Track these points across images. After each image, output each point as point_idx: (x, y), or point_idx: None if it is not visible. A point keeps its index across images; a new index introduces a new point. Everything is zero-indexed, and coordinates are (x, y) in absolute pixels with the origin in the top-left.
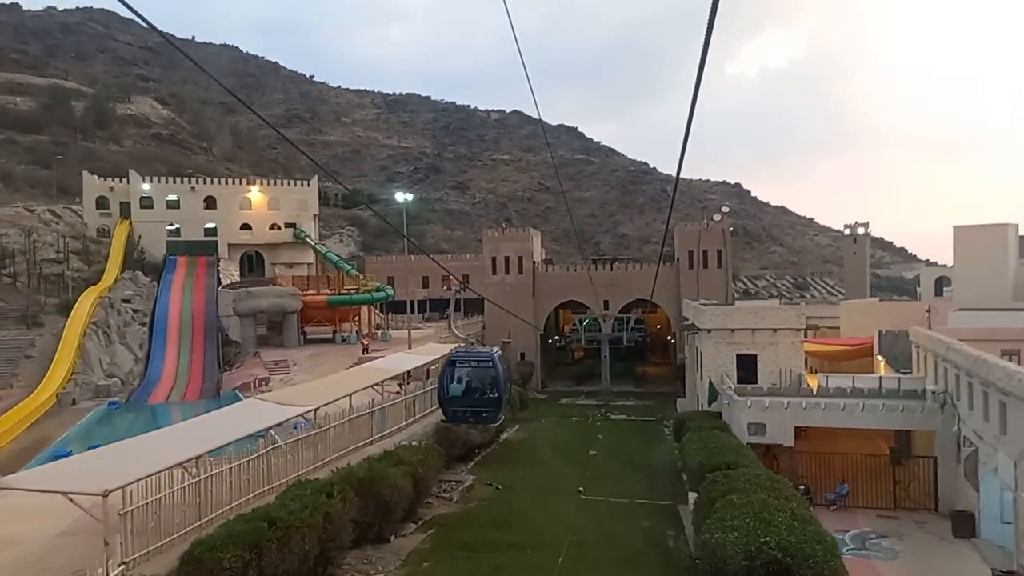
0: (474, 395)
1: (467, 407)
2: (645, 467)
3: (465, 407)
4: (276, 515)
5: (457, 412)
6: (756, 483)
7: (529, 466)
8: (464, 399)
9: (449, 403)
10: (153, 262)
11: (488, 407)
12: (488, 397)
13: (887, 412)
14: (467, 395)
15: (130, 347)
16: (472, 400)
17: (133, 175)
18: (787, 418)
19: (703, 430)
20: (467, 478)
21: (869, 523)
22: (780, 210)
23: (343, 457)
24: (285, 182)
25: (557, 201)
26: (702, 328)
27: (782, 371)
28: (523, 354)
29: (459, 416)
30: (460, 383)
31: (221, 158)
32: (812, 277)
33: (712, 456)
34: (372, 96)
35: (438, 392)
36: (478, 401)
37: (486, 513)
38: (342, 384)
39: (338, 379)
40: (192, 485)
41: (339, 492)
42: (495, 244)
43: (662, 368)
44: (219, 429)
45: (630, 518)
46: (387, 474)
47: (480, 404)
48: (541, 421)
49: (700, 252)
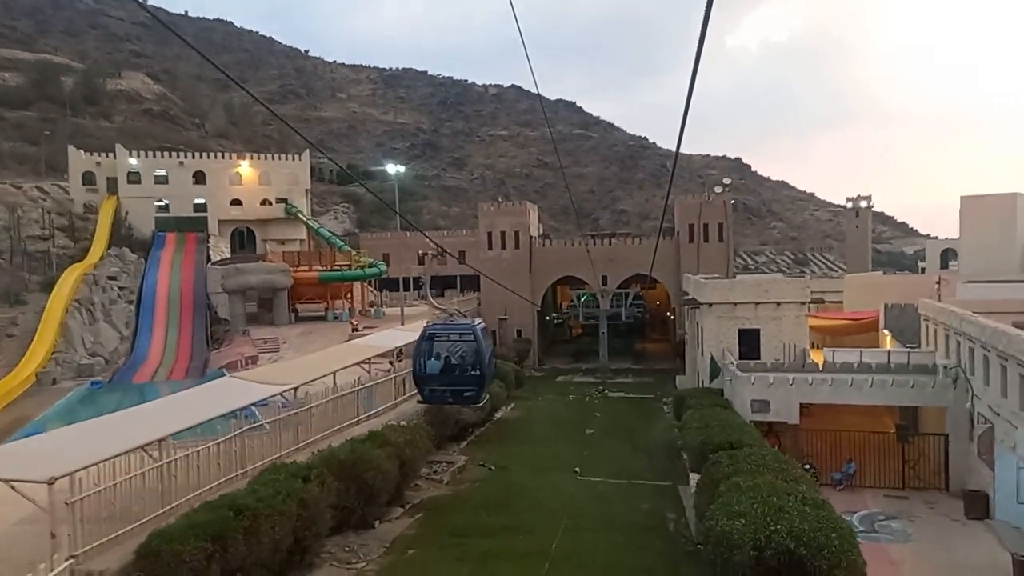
0: (454, 372)
1: (446, 386)
2: (644, 446)
3: (444, 386)
4: (244, 503)
5: (435, 392)
6: (762, 464)
7: (524, 445)
8: (443, 377)
9: (425, 382)
10: (141, 239)
11: (470, 386)
12: (470, 375)
13: (897, 388)
14: (446, 373)
15: (115, 325)
16: (452, 378)
17: (120, 150)
18: (792, 395)
19: (704, 408)
20: (459, 459)
21: (877, 503)
22: (780, 185)
23: (326, 438)
24: (276, 156)
25: (555, 177)
26: (703, 302)
27: (786, 346)
28: (520, 331)
29: (437, 397)
30: (438, 359)
31: (214, 134)
32: (812, 252)
33: (714, 435)
34: (368, 71)
35: (413, 370)
36: (458, 379)
37: (478, 495)
38: (326, 362)
39: (323, 356)
40: (154, 470)
41: (317, 476)
42: (491, 218)
43: (661, 345)
44: (187, 409)
45: (628, 499)
46: (371, 456)
47: (461, 383)
48: (537, 399)
49: (701, 225)
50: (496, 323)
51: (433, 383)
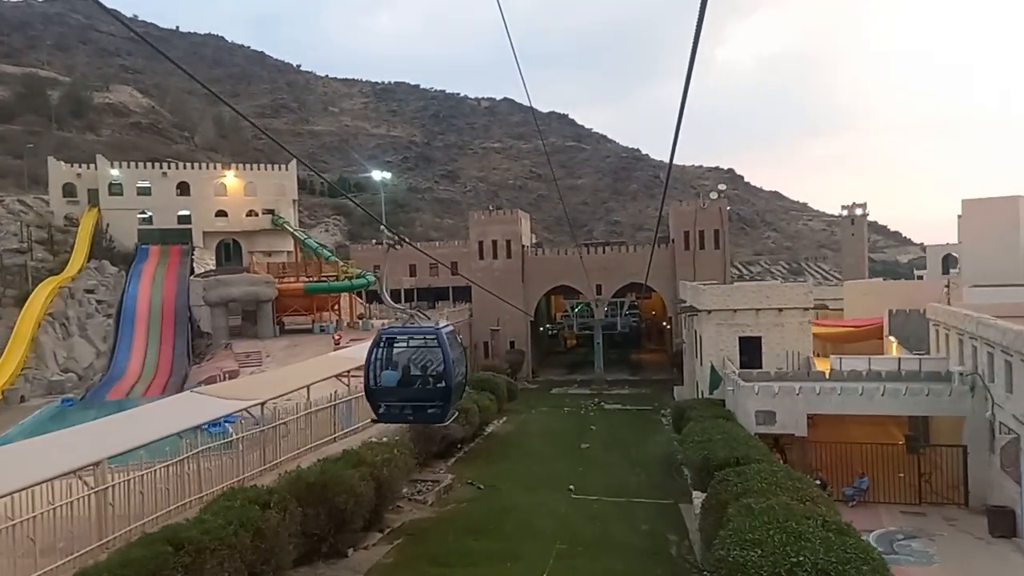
0: (414, 385)
1: (405, 401)
2: (642, 461)
3: (402, 401)
4: (187, 535)
5: (392, 409)
6: (774, 482)
7: (516, 462)
8: (400, 391)
9: (379, 397)
10: (124, 251)
11: (434, 401)
12: (433, 387)
13: (911, 397)
14: (405, 385)
15: (91, 340)
16: (412, 392)
17: (101, 160)
18: (799, 405)
19: (705, 420)
20: (445, 477)
21: (894, 521)
22: (773, 195)
23: (298, 458)
24: (262, 166)
25: (549, 189)
26: (702, 309)
27: (789, 354)
28: (513, 342)
29: (394, 414)
30: (395, 369)
31: (203, 147)
32: (807, 262)
33: (717, 449)
34: (360, 85)
35: (364, 382)
36: (420, 393)
37: (464, 518)
38: (299, 375)
39: (295, 370)
40: (86, 498)
41: (278, 502)
42: (482, 227)
43: (658, 355)
44: (133, 429)
45: (626, 520)
46: (342, 477)
47: (423, 397)
48: (531, 412)
49: (696, 233)
50: (488, 334)
51: (389, 398)
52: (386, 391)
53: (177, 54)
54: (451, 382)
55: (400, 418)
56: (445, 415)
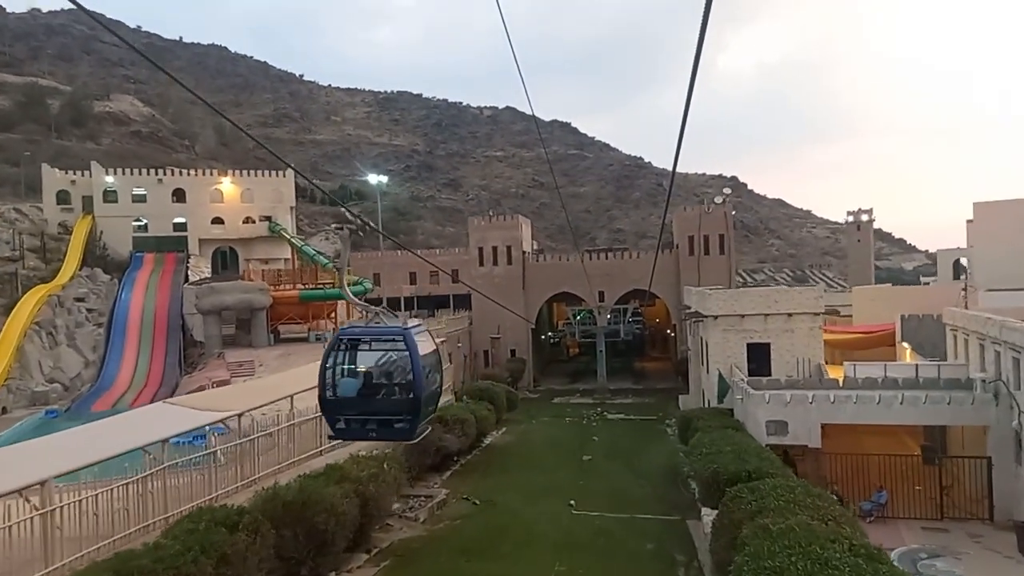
0: (376, 395)
1: (367, 415)
2: (646, 473)
3: (364, 415)
4: (138, 563)
5: (352, 424)
6: (791, 500)
7: (514, 475)
8: (362, 403)
9: (336, 409)
10: (118, 259)
11: (400, 414)
12: (399, 398)
13: (931, 405)
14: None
15: (79, 349)
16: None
17: (95, 167)
18: (812, 414)
19: (713, 430)
20: (439, 492)
21: (915, 537)
22: (777, 203)
23: (279, 473)
24: (259, 173)
25: (551, 197)
26: (708, 315)
27: (799, 361)
28: (514, 350)
29: (354, 430)
30: (355, 376)
31: (204, 156)
32: (811, 270)
33: (728, 462)
34: (363, 95)
35: (319, 393)
36: (383, 405)
37: (457, 536)
38: (284, 384)
39: (281, 379)
40: (32, 520)
41: (249, 523)
42: (482, 233)
43: (662, 363)
44: (92, 443)
45: (630, 538)
46: (323, 495)
47: (387, 409)
48: (531, 422)
49: (701, 238)
50: (489, 342)
51: (348, 411)
52: (345, 403)
53: (180, 64)
54: (421, 392)
55: (361, 434)
56: (414, 431)
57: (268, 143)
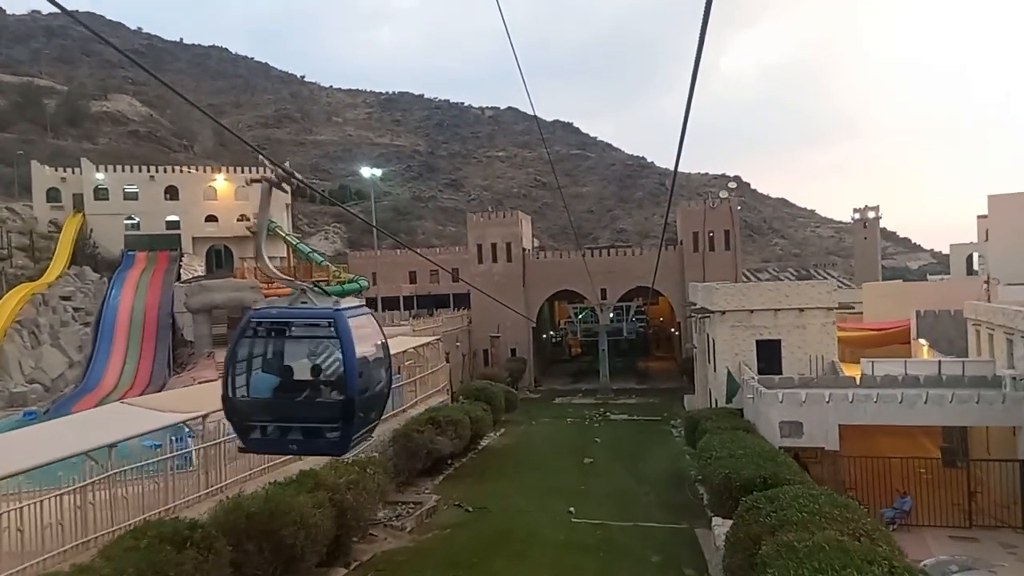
0: (297, 397)
1: (286, 421)
2: (651, 477)
3: (282, 421)
4: None
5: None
6: (816, 511)
7: (511, 479)
8: (279, 406)
9: (245, 414)
10: (109, 258)
11: (329, 421)
12: (325, 401)
13: (958, 404)
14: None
15: (63, 349)
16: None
17: (86, 163)
18: (829, 415)
19: (723, 432)
20: (429, 498)
21: (942, 547)
22: (780, 202)
23: (250, 480)
24: (253, 169)
25: (554, 197)
26: (715, 310)
27: (811, 358)
28: (514, 350)
29: (271, 441)
30: (269, 372)
31: (202, 156)
32: (815, 269)
33: (741, 467)
34: (364, 95)
35: (223, 391)
36: (307, 410)
37: (446, 548)
38: None
39: None
40: None
41: (202, 539)
42: (481, 230)
43: (666, 363)
44: (34, 447)
45: (634, 549)
46: (292, 505)
47: (312, 416)
48: (531, 423)
49: (706, 233)
50: (488, 342)
51: (260, 416)
52: (257, 406)
53: (181, 65)
54: (355, 392)
55: (280, 447)
56: (348, 443)
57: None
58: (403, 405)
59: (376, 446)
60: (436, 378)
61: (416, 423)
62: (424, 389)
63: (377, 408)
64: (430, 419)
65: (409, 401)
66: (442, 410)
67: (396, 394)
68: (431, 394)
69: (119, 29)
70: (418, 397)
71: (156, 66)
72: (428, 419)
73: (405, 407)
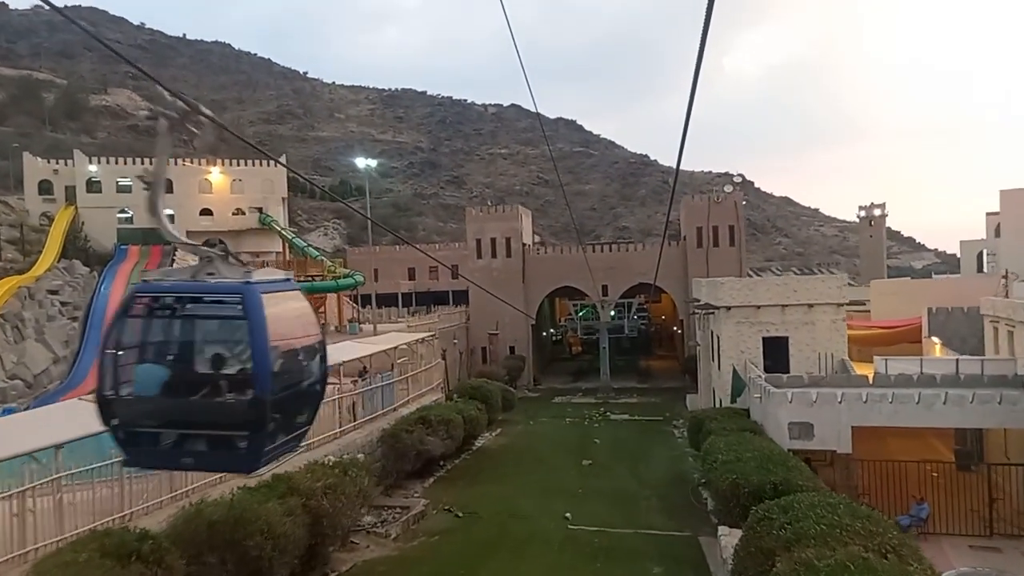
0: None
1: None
2: (652, 480)
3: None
4: None
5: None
6: (836, 522)
7: (505, 482)
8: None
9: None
10: (102, 252)
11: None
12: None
13: (979, 405)
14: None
15: (48, 344)
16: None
17: (78, 155)
18: (842, 416)
19: (729, 433)
20: (417, 503)
21: (962, 558)
22: (784, 201)
23: (221, 483)
24: (250, 162)
25: (556, 195)
26: (719, 306)
27: (820, 356)
28: (513, 347)
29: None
30: (159, 364)
31: (203, 151)
32: (819, 268)
33: (749, 472)
34: (367, 92)
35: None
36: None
37: (432, 557)
38: None
39: None
40: None
41: (151, 551)
42: (480, 224)
43: (668, 362)
44: None
45: (634, 559)
46: (258, 513)
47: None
48: (529, 423)
49: (710, 228)
50: (487, 339)
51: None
52: (142, 406)
53: (183, 61)
54: (266, 389)
55: (172, 460)
56: (258, 456)
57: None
58: (394, 404)
59: (363, 447)
60: (430, 376)
61: (405, 422)
62: (417, 387)
63: (306, 410)
64: (420, 418)
65: (400, 399)
66: (434, 409)
67: (387, 392)
68: (424, 392)
69: (122, 24)
70: (410, 395)
71: (159, 61)
72: (418, 418)
73: (396, 405)
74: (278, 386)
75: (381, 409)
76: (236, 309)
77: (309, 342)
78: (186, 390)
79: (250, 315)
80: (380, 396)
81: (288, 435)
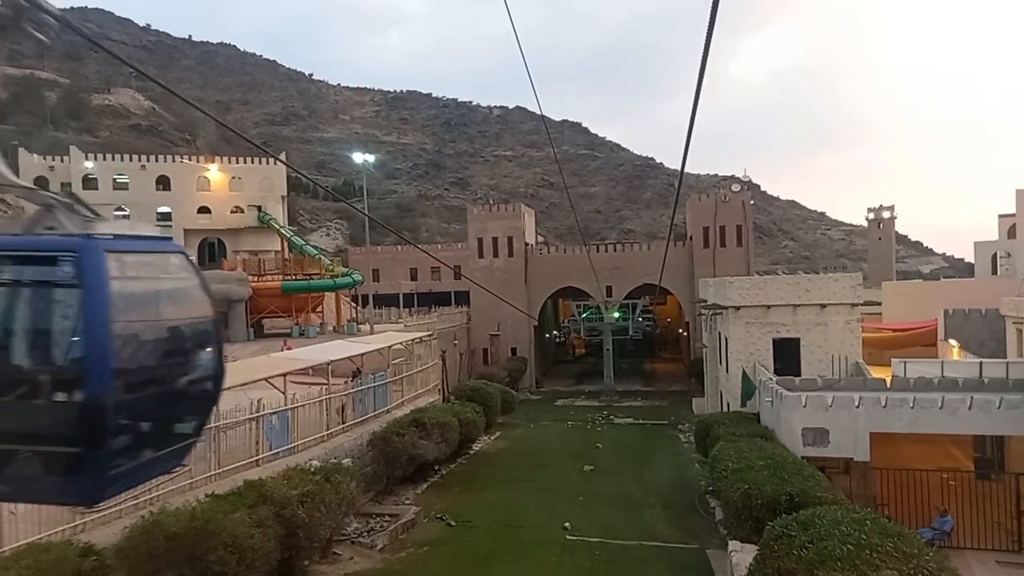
0: (9, 396)
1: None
2: (657, 487)
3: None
4: None
5: None
6: (863, 542)
7: (502, 489)
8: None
9: None
10: None
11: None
12: (55, 406)
13: (1007, 411)
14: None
15: None
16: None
17: (74, 151)
18: (860, 421)
19: (739, 439)
20: (408, 510)
21: (991, 575)
22: (790, 204)
23: (191, 490)
24: (249, 160)
25: (561, 197)
26: (728, 306)
27: (834, 358)
28: (514, 349)
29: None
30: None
31: (205, 150)
32: (826, 271)
33: (763, 482)
34: (372, 94)
35: None
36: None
37: (420, 570)
38: None
39: None
40: None
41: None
42: (481, 223)
43: (674, 364)
44: None
45: (638, 574)
46: (224, 524)
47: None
48: (530, 426)
49: (717, 228)
50: (488, 340)
51: None
52: None
53: (188, 62)
54: (105, 387)
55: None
56: (100, 482)
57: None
58: (387, 405)
59: (352, 450)
60: (426, 377)
61: (398, 425)
62: (412, 388)
63: (189, 417)
64: (414, 421)
65: (395, 401)
66: (428, 411)
67: (379, 393)
68: (420, 394)
69: (128, 26)
70: (404, 397)
71: (164, 63)
72: (412, 421)
73: (389, 407)
74: (132, 382)
75: (373, 411)
76: (68, 273)
77: (192, 324)
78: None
79: (86, 280)
80: (372, 397)
81: (160, 450)
